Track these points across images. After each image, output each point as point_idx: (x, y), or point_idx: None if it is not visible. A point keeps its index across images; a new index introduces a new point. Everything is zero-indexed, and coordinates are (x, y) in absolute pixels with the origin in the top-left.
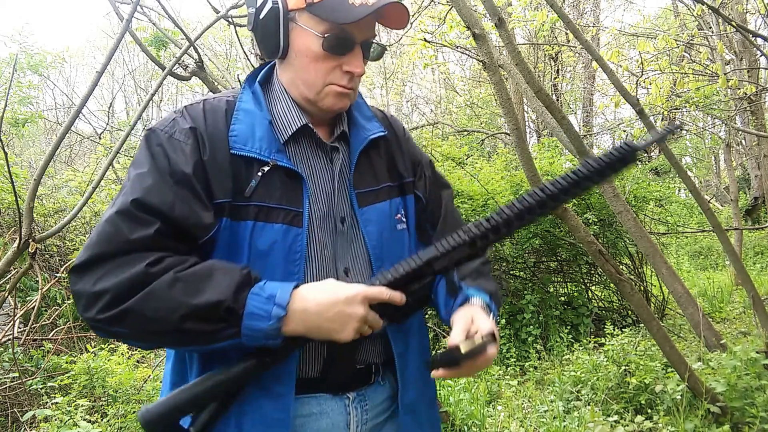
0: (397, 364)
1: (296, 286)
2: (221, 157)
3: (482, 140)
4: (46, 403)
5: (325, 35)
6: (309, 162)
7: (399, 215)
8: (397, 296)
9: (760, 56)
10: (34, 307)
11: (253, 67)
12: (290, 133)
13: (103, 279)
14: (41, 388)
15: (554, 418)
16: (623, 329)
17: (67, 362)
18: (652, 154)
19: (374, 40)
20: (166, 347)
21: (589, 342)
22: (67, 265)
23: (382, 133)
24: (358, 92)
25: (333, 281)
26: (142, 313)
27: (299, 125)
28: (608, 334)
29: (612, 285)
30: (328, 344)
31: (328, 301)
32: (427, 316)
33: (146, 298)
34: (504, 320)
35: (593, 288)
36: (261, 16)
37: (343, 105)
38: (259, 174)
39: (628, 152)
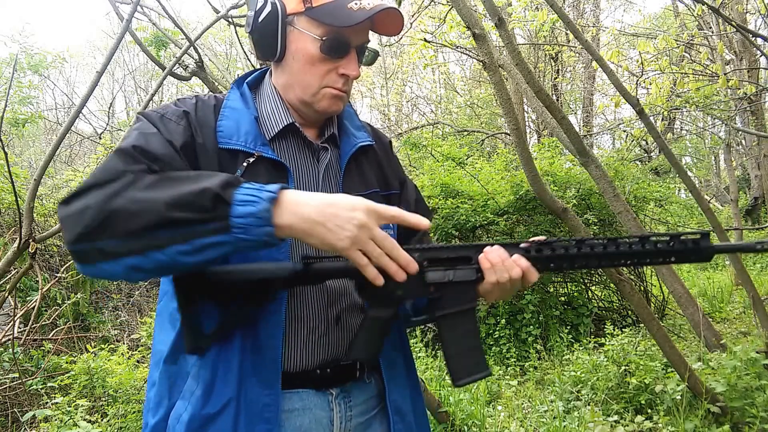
0: (381, 362)
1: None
2: (210, 148)
3: (482, 140)
4: (46, 403)
5: (323, 38)
6: (294, 158)
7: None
8: (413, 218)
9: (760, 56)
10: (34, 307)
11: (253, 67)
12: (277, 131)
13: (92, 196)
14: (41, 388)
15: (554, 418)
16: (623, 329)
17: (67, 362)
18: (652, 154)
19: (367, 46)
20: (148, 258)
21: (589, 342)
22: (67, 265)
23: (370, 143)
24: (348, 103)
25: (346, 196)
26: (128, 209)
27: (286, 123)
28: (608, 334)
29: (612, 285)
30: (311, 338)
31: (326, 200)
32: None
33: (133, 194)
34: (504, 320)
35: (593, 288)
36: (260, 19)
37: (338, 108)
38: (244, 165)
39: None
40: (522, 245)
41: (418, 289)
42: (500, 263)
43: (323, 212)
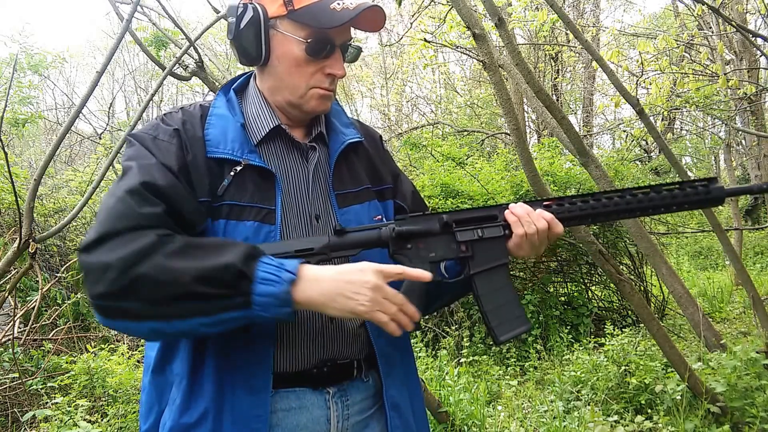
0: (379, 360)
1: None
2: (200, 160)
3: (482, 140)
4: (46, 403)
5: (308, 40)
6: (283, 160)
7: (379, 216)
8: (416, 272)
9: (760, 56)
10: (34, 307)
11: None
12: (263, 134)
13: (113, 251)
14: (41, 388)
15: (554, 418)
16: (623, 329)
17: (67, 362)
18: (652, 154)
19: (350, 43)
20: (170, 325)
21: (589, 342)
22: (67, 265)
23: (359, 139)
24: (336, 101)
25: (353, 263)
26: (154, 277)
27: (272, 126)
28: (608, 334)
29: (612, 285)
30: (305, 338)
31: (340, 270)
32: (426, 317)
33: (159, 262)
34: None
35: (593, 288)
36: (242, 25)
37: (326, 107)
38: (231, 174)
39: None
40: (545, 202)
41: (451, 249)
42: (525, 215)
43: (338, 283)
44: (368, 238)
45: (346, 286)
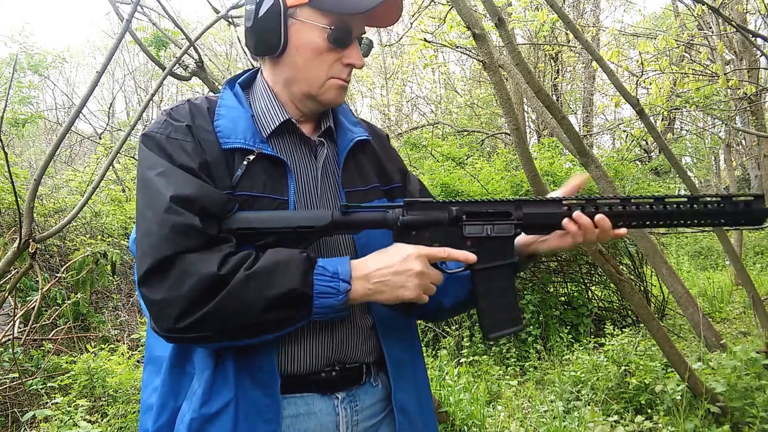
0: (388, 363)
1: (351, 259)
2: (215, 154)
3: (482, 140)
4: (46, 403)
5: (331, 27)
6: (292, 154)
7: None
8: (461, 254)
9: (760, 56)
10: (34, 307)
11: (253, 66)
12: (273, 128)
13: (172, 286)
14: (41, 388)
15: (554, 418)
16: (623, 329)
17: (67, 362)
18: (652, 154)
19: (363, 37)
20: (238, 341)
21: (589, 342)
22: (67, 265)
23: (367, 137)
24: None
25: (395, 246)
26: (222, 314)
27: (282, 119)
28: (608, 334)
29: (612, 285)
30: (313, 339)
31: (386, 263)
32: None
33: (225, 299)
34: None
35: (593, 288)
36: (261, 13)
37: (341, 99)
38: (245, 163)
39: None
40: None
41: (456, 242)
42: (590, 225)
43: (386, 277)
44: (373, 219)
45: (394, 278)
